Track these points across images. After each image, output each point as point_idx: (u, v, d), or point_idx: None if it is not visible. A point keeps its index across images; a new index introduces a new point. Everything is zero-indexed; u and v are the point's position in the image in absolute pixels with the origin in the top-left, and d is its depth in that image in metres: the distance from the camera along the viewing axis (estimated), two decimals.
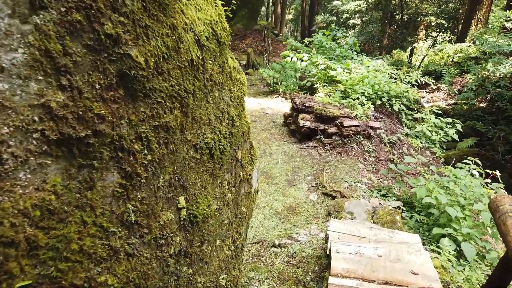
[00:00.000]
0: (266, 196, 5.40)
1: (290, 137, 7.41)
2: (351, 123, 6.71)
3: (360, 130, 6.69)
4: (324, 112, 6.80)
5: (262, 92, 11.21)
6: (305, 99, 7.32)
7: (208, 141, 1.43)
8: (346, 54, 9.77)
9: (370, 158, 6.34)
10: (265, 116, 8.65)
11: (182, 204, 1.36)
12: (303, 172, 6.08)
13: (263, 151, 6.82)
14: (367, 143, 6.61)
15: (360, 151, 6.49)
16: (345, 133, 6.65)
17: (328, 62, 8.94)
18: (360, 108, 7.16)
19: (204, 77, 1.35)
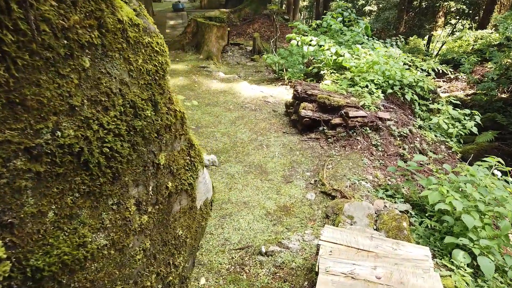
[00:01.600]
0: (259, 194, 4.85)
1: (291, 128, 6.81)
2: (358, 114, 6.07)
3: (367, 121, 6.05)
4: (328, 101, 6.18)
5: (267, 79, 10.59)
6: (308, 87, 6.69)
7: (68, 141, 0.89)
8: (356, 39, 9.06)
9: (378, 153, 5.71)
10: (266, 104, 8.04)
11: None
12: (301, 167, 5.49)
13: (260, 142, 6.25)
14: (374, 136, 5.97)
15: (367, 144, 5.86)
16: (350, 124, 6.03)
17: (336, 47, 8.25)
18: (369, 97, 6.50)
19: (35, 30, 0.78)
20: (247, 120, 7.16)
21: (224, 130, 6.70)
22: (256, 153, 5.90)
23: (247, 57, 13.56)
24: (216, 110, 7.59)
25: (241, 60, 13.13)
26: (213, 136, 6.46)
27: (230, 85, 9.29)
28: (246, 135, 6.52)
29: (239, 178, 5.18)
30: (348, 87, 7.18)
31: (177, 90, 8.65)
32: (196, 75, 9.92)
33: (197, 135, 6.43)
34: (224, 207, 4.52)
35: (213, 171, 5.33)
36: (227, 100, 8.19)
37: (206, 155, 5.58)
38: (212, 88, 8.95)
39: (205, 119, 7.14)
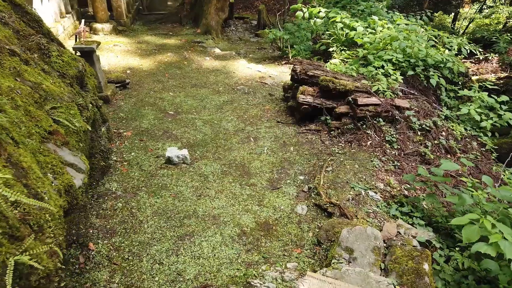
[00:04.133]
0: (235, 204, 3.76)
1: (287, 116, 5.64)
2: (369, 101, 4.86)
3: (381, 110, 4.84)
4: (333, 84, 4.97)
5: (269, 57, 9.34)
6: (310, 66, 5.47)
7: None
8: (373, 10, 7.71)
9: (392, 152, 4.53)
10: (263, 87, 6.85)
11: None
12: (294, 169, 4.36)
13: (247, 134, 5.11)
14: (389, 130, 4.78)
15: (379, 140, 4.67)
16: (359, 114, 4.83)
17: (348, 18, 6.94)
18: (384, 80, 5.26)
19: None
20: (236, 105, 6.01)
21: (207, 117, 5.58)
22: (240, 147, 4.78)
23: (251, 32, 12.26)
24: (203, 92, 6.45)
25: (244, 36, 11.85)
26: (192, 124, 5.35)
27: (225, 63, 8.09)
28: (232, 124, 5.39)
29: (213, 182, 4.09)
30: (360, 67, 5.93)
31: (162, 68, 7.52)
32: (188, 51, 8.75)
33: (174, 123, 5.34)
34: (186, 223, 3.46)
35: (182, 171, 4.25)
36: (217, 80, 7.03)
37: (176, 149, 4.50)
38: (203, 66, 7.78)
39: (188, 103, 6.02)
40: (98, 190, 3.84)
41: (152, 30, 10.84)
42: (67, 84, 3.24)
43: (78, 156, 2.42)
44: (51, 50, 3.24)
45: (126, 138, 4.94)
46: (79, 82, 3.53)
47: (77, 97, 3.27)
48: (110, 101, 5.86)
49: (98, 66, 5.74)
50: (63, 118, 2.69)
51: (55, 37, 4.13)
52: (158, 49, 8.74)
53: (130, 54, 8.18)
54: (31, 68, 2.87)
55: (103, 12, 9.45)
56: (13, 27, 3.15)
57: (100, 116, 4.33)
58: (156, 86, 6.60)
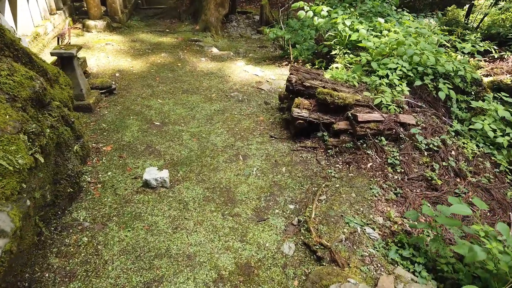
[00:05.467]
0: (214, 240, 3.34)
1: (282, 129, 5.18)
2: (371, 117, 4.38)
3: (383, 128, 4.36)
4: (331, 97, 4.49)
5: (270, 57, 8.84)
6: (307, 75, 4.99)
7: None
8: (380, 10, 7.15)
9: (395, 176, 4.05)
10: (259, 93, 6.38)
11: None
12: (284, 195, 3.92)
13: (236, 151, 4.67)
14: (392, 150, 4.30)
15: (380, 162, 4.20)
16: (359, 131, 4.36)
17: (352, 19, 6.40)
18: (388, 92, 4.76)
19: None
20: (228, 115, 5.56)
21: (195, 129, 5.15)
22: (227, 167, 4.35)
23: (253, 29, 11.73)
24: (194, 99, 6.01)
25: (245, 32, 11.33)
26: (178, 138, 4.93)
27: (221, 65, 7.62)
28: (221, 138, 4.95)
29: (193, 210, 3.68)
30: (363, 75, 5.43)
31: (154, 70, 7.08)
32: (184, 51, 8.29)
33: (159, 136, 4.92)
34: (156, 265, 3.05)
35: (160, 196, 3.83)
36: (211, 85, 6.58)
37: (156, 170, 4.09)
38: (197, 69, 7.33)
39: (176, 112, 5.59)
40: (63, 221, 3.45)
41: (149, 26, 10.39)
42: (18, 109, 2.82)
43: (5, 211, 2.01)
44: (0, 69, 2.82)
45: (105, 154, 4.54)
46: (36, 103, 3.11)
47: (30, 123, 2.86)
48: (92, 110, 5.46)
49: (79, 72, 5.33)
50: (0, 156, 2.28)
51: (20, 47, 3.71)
52: (152, 48, 8.29)
53: (122, 54, 7.75)
54: None
55: (96, 8, 9.01)
56: None
57: (72, 133, 3.93)
58: (144, 92, 6.18)
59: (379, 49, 5.55)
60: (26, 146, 2.62)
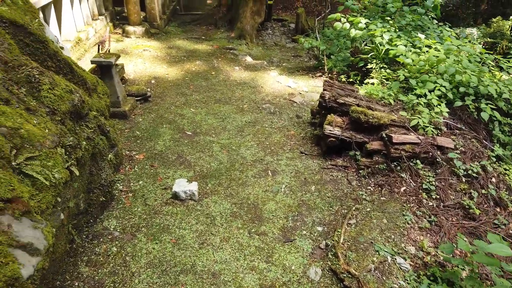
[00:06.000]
0: (240, 258, 3.32)
1: (313, 145, 5.10)
2: (406, 139, 4.23)
3: (419, 151, 4.20)
4: (365, 116, 4.38)
5: (304, 67, 8.76)
6: (341, 91, 4.90)
7: None
8: (420, 24, 6.92)
9: (429, 203, 3.89)
10: (291, 106, 6.33)
11: None
12: (313, 216, 3.85)
13: (266, 166, 4.64)
14: (428, 174, 4.13)
15: (414, 187, 4.05)
16: (394, 153, 4.22)
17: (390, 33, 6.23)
18: (426, 112, 4.59)
19: None
20: (259, 127, 5.54)
21: (225, 140, 5.17)
22: (256, 183, 4.33)
23: (288, 37, 11.69)
24: (225, 110, 6.04)
25: (280, 40, 11.31)
26: (209, 149, 4.96)
27: (254, 74, 7.63)
28: (251, 151, 4.94)
29: (220, 226, 3.68)
30: (400, 92, 5.26)
31: (188, 78, 7.18)
32: (218, 59, 8.36)
33: (190, 146, 4.97)
34: (181, 281, 3.07)
35: (188, 209, 3.86)
36: (243, 96, 6.59)
37: (185, 182, 4.13)
38: (231, 78, 7.37)
39: (208, 122, 5.64)
40: (95, 229, 3.54)
41: (186, 32, 10.58)
42: (57, 122, 2.92)
43: (40, 228, 2.07)
44: (42, 83, 2.93)
45: (137, 162, 4.64)
46: (74, 115, 3.21)
47: (67, 136, 2.96)
48: (128, 117, 5.60)
49: (117, 80, 5.49)
50: (37, 171, 2.36)
51: (62, 57, 3.86)
52: (188, 56, 8.42)
53: (158, 61, 7.92)
54: (11, 108, 2.57)
55: (136, 14, 9.27)
56: (1, 57, 2.87)
57: (107, 142, 4.03)
58: (178, 100, 6.27)
59: (418, 66, 5.37)
60: (63, 159, 2.71)
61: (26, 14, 4.10)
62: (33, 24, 3.91)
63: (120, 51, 8.21)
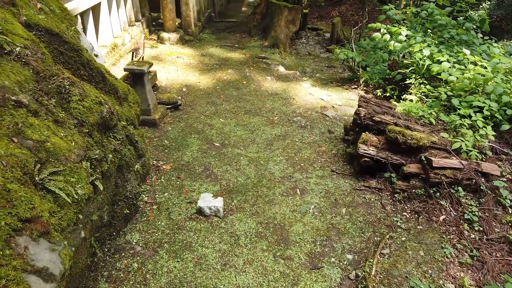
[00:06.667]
0: (263, 284, 3.15)
1: (345, 164, 4.86)
2: (447, 163, 3.94)
3: (461, 177, 3.90)
4: (403, 137, 4.12)
5: (337, 79, 8.51)
6: (377, 108, 4.65)
7: None
8: (465, 38, 6.53)
9: (471, 235, 3.58)
10: (323, 120, 6.11)
11: None
12: (342, 241, 3.63)
13: (294, 183, 4.45)
14: (470, 203, 3.82)
15: (455, 216, 3.75)
16: (433, 178, 3.93)
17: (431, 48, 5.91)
18: (470, 135, 4.27)
19: None
20: (289, 142, 5.37)
21: (254, 154, 5.03)
22: (283, 201, 4.15)
23: (322, 46, 11.46)
24: (255, 121, 5.91)
25: (314, 50, 11.10)
26: (237, 162, 4.83)
27: (286, 85, 7.47)
28: (279, 167, 4.77)
29: (244, 246, 3.52)
30: (441, 111, 4.95)
31: (219, 87, 7.12)
32: (250, 68, 8.27)
33: (217, 158, 4.87)
34: None
35: (212, 226, 3.74)
36: (274, 107, 6.44)
37: (211, 197, 4.01)
38: (262, 88, 7.24)
39: (237, 133, 5.52)
40: (117, 243, 3.48)
41: (219, 40, 10.58)
42: (85, 134, 2.88)
43: (57, 251, 1.99)
44: (72, 93, 2.90)
45: (164, 172, 4.58)
46: (102, 127, 3.16)
47: (94, 148, 2.90)
48: (157, 125, 5.57)
49: (148, 88, 5.48)
50: (60, 187, 2.30)
51: (95, 66, 3.85)
52: (220, 64, 8.38)
53: (191, 69, 7.92)
54: (39, 120, 2.53)
55: (171, 21, 9.35)
56: (34, 67, 2.86)
57: (135, 152, 3.98)
58: (208, 110, 6.21)
59: (462, 84, 5.04)
60: (87, 173, 2.64)
61: (62, 22, 4.13)
62: (69, 32, 3.93)
63: (154, 57, 8.28)
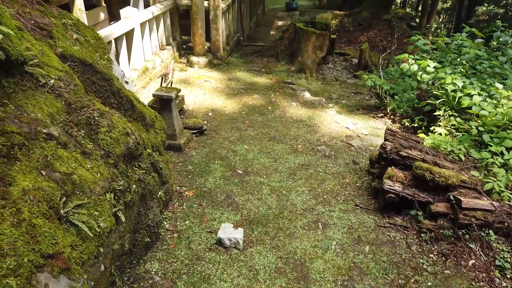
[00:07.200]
0: None
1: (369, 198, 4.75)
2: (478, 204, 3.77)
3: (493, 220, 3.71)
4: (431, 174, 3.99)
5: (364, 106, 8.42)
6: (404, 142, 4.55)
7: None
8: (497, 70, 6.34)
9: (503, 283, 3.38)
10: (348, 149, 6.03)
11: None
12: (365, 282, 3.50)
13: (316, 216, 4.37)
14: (502, 248, 3.63)
15: (486, 261, 3.56)
16: (462, 219, 3.77)
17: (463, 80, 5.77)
18: (503, 174, 4.09)
19: None
20: (312, 171, 5.31)
21: (276, 183, 4.99)
22: (304, 235, 4.07)
23: (349, 72, 11.42)
24: (279, 149, 5.89)
25: (341, 75, 11.07)
26: (258, 191, 4.81)
27: (311, 112, 7.45)
28: (302, 198, 4.71)
29: (262, 283, 3.46)
30: (471, 147, 4.79)
31: (244, 112, 7.17)
32: (276, 93, 8.31)
33: (240, 186, 4.87)
34: None
35: (231, 259, 3.70)
36: (298, 135, 6.42)
37: (231, 228, 3.99)
38: (287, 114, 7.25)
39: (260, 161, 5.51)
40: (136, 271, 3.50)
41: (247, 63, 10.73)
42: (110, 165, 2.94)
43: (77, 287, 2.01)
44: (101, 125, 2.98)
45: (186, 199, 4.61)
46: (128, 157, 3.23)
47: (118, 179, 2.96)
48: (182, 150, 5.65)
49: (175, 113, 5.59)
50: (83, 220, 2.34)
51: (125, 94, 3.98)
52: (247, 88, 8.47)
53: (218, 93, 8.04)
54: (68, 152, 2.61)
55: (200, 46, 9.58)
56: (66, 98, 2.97)
57: (159, 179, 4.03)
58: (233, 135, 6.25)
59: (493, 119, 4.87)
60: (111, 205, 2.69)
61: (96, 51, 4.30)
62: (102, 62, 4.09)
63: (183, 80, 8.48)
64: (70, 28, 4.00)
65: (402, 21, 17.30)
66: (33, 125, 2.49)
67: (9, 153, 2.22)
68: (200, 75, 8.94)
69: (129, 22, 7.11)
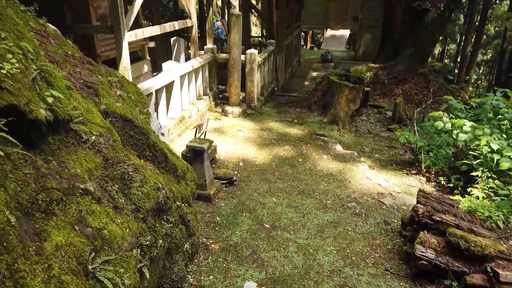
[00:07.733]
0: None
1: (400, 263, 4.54)
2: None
3: None
4: (466, 243, 3.80)
5: (398, 161, 8.26)
6: (437, 206, 4.40)
7: None
8: None
9: None
10: (379, 208, 5.87)
11: None
12: None
13: (343, 280, 4.22)
14: None
15: None
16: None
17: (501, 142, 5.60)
18: None
19: None
20: (341, 230, 5.19)
21: (303, 241, 4.91)
22: None
23: (383, 125, 11.36)
24: (308, 203, 5.84)
25: (374, 128, 11.02)
26: (285, 248, 4.74)
27: (343, 166, 7.40)
28: (329, 258, 4.58)
29: None
30: (510, 213, 4.55)
31: (275, 164, 7.24)
32: (308, 145, 8.37)
33: (266, 242, 4.82)
34: None
35: None
36: (328, 189, 6.35)
37: (255, 287, 3.92)
38: (317, 167, 7.24)
39: (287, 216, 5.48)
40: None
41: (280, 114, 10.96)
42: (139, 220, 3.05)
43: None
44: (134, 180, 3.13)
45: (212, 252, 4.61)
46: (157, 211, 3.33)
47: (146, 234, 3.05)
48: (211, 200, 5.73)
49: (207, 164, 5.74)
50: (108, 277, 2.41)
51: (160, 147, 4.16)
52: (278, 139, 8.60)
53: (250, 143, 8.21)
54: (101, 207, 2.74)
55: (235, 96, 9.94)
56: (104, 154, 3.17)
57: (186, 232, 4.09)
58: (262, 187, 6.29)
59: None
60: (136, 261, 2.75)
61: (137, 106, 4.59)
62: (140, 117, 4.34)
63: (217, 129, 8.75)
64: (114, 85, 4.33)
65: (438, 75, 17.19)
66: (72, 180, 2.66)
67: (48, 208, 2.37)
68: (234, 125, 9.20)
69: (170, 75, 7.56)
